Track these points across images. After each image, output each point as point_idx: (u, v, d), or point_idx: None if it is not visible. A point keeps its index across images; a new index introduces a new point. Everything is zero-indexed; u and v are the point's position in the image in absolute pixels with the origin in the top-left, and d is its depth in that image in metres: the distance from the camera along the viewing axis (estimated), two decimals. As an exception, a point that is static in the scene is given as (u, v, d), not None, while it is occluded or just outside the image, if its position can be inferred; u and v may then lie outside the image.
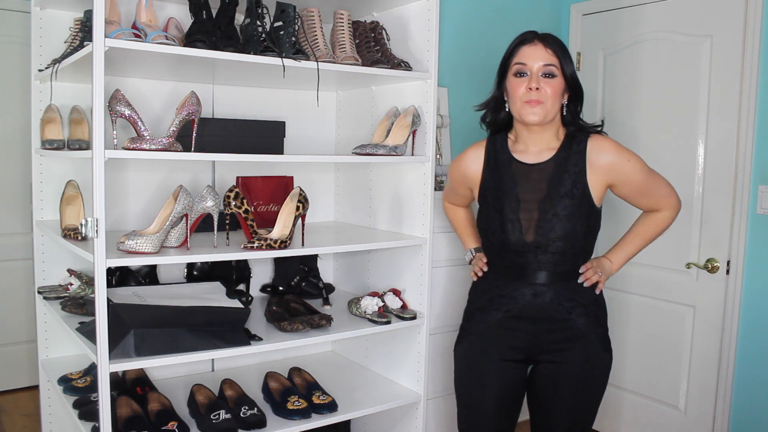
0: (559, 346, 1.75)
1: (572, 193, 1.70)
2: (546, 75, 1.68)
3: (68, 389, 2.09)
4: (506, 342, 1.79)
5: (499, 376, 1.80)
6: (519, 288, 1.75)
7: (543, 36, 1.71)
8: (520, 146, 1.79)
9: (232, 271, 2.36)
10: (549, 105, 1.68)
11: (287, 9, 1.99)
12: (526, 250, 1.73)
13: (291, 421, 1.99)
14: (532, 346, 1.78)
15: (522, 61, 1.69)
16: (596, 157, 1.72)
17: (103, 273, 1.67)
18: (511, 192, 1.75)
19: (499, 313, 1.79)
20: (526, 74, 1.69)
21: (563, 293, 1.74)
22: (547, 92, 1.67)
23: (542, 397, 1.80)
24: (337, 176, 2.72)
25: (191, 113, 1.90)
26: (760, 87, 2.54)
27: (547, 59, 1.67)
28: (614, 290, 3.09)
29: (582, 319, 1.74)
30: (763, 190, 2.55)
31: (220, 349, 1.87)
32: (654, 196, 1.79)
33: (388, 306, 2.24)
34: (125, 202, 2.28)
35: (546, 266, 1.73)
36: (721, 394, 2.69)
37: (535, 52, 1.68)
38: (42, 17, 2.21)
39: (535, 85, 1.66)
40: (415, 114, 2.22)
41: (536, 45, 1.68)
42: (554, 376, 1.77)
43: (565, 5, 3.27)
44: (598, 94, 3.11)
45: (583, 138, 1.74)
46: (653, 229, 1.85)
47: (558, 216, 1.69)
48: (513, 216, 1.73)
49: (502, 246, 1.77)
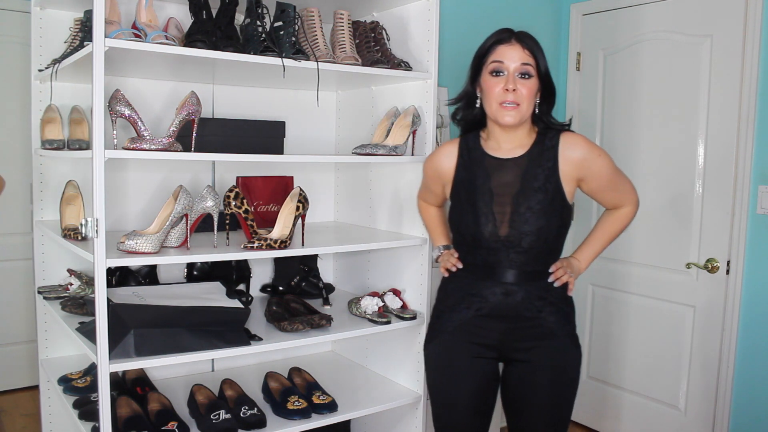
0: (530, 345, 1.76)
1: (545, 188, 1.72)
2: (522, 75, 1.69)
3: (68, 389, 2.09)
4: (477, 340, 1.79)
5: (471, 372, 1.81)
6: (490, 287, 1.76)
7: (520, 35, 1.71)
8: (493, 143, 1.80)
9: (232, 271, 2.36)
10: (524, 107, 1.70)
11: (287, 9, 1.99)
12: (499, 246, 1.73)
13: (291, 421, 1.99)
14: (503, 344, 1.78)
15: (499, 59, 1.69)
16: (569, 153, 1.73)
17: (103, 273, 1.67)
18: (485, 186, 1.76)
19: (469, 311, 1.79)
20: (503, 73, 1.70)
21: (534, 292, 1.75)
22: (522, 93, 1.69)
23: (517, 399, 1.81)
24: (337, 176, 2.72)
25: (191, 113, 1.90)
26: (760, 87, 2.54)
27: (524, 59, 1.68)
28: (614, 290, 3.09)
29: (552, 317, 1.75)
30: (763, 190, 2.55)
31: (220, 349, 1.87)
32: (619, 191, 1.83)
33: (388, 306, 2.24)
34: (125, 202, 2.28)
35: (517, 265, 1.73)
36: (721, 394, 2.69)
37: (513, 51, 1.68)
38: (42, 17, 2.21)
39: (512, 87, 1.68)
40: (415, 114, 2.22)
41: (514, 45, 1.69)
42: (527, 377, 1.77)
43: (565, 5, 3.27)
44: (598, 94, 3.11)
45: (555, 134, 1.76)
46: (617, 225, 1.87)
47: (532, 210, 1.71)
48: (487, 209, 1.74)
49: (474, 241, 1.77)
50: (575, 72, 3.21)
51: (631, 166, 2.97)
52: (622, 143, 3.01)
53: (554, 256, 1.80)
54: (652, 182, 2.89)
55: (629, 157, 2.97)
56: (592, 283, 3.19)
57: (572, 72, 3.23)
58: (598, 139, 3.11)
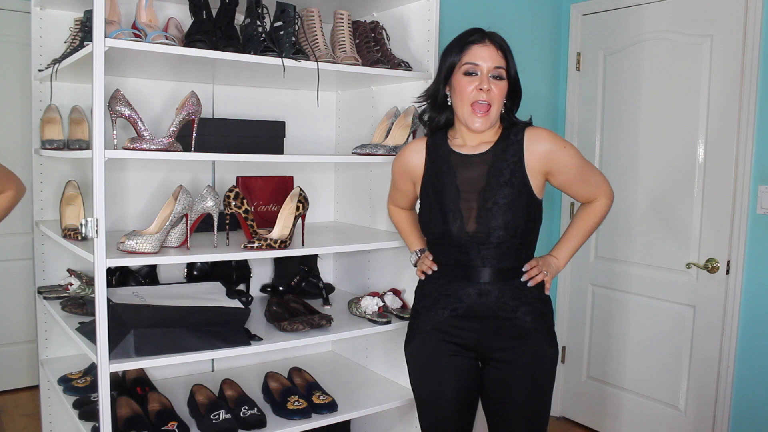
0: (506, 344, 1.76)
1: (511, 182, 1.72)
2: (495, 77, 1.70)
3: (68, 389, 2.09)
4: (454, 340, 1.80)
5: (452, 370, 1.82)
6: (464, 287, 1.77)
7: (492, 36, 1.72)
8: (458, 141, 1.81)
9: (232, 271, 2.36)
10: (494, 109, 1.72)
11: (287, 9, 1.99)
12: (469, 243, 1.74)
13: (291, 421, 1.99)
14: (480, 345, 1.79)
15: (473, 61, 1.69)
16: (533, 146, 1.74)
17: (103, 273, 1.67)
18: (451, 183, 1.77)
19: (445, 311, 1.80)
20: (477, 74, 1.70)
21: (507, 292, 1.75)
22: (495, 93, 1.70)
23: (495, 399, 1.81)
24: (337, 176, 2.72)
25: (191, 113, 1.90)
26: (760, 87, 2.54)
27: (498, 61, 1.69)
28: (614, 290, 3.09)
29: (528, 317, 1.75)
30: (763, 190, 2.55)
31: (220, 349, 1.87)
32: (590, 183, 1.82)
33: (388, 306, 2.24)
34: (125, 202, 2.28)
35: (490, 261, 1.74)
36: (721, 394, 2.69)
37: (487, 52, 1.69)
38: (42, 17, 2.21)
39: (486, 87, 1.69)
40: (415, 114, 2.22)
41: (488, 45, 1.69)
42: (504, 378, 1.78)
43: (565, 5, 3.26)
44: (598, 94, 3.11)
45: (519, 130, 1.77)
46: (592, 219, 1.87)
47: (498, 204, 1.71)
48: (453, 206, 1.75)
49: (444, 238, 1.78)
50: (575, 72, 3.21)
51: (631, 166, 2.97)
52: (622, 143, 3.01)
53: (526, 252, 1.80)
54: (652, 182, 2.89)
55: (629, 157, 2.97)
56: (592, 283, 3.19)
57: (572, 72, 3.23)
58: (598, 139, 3.12)
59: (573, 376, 3.28)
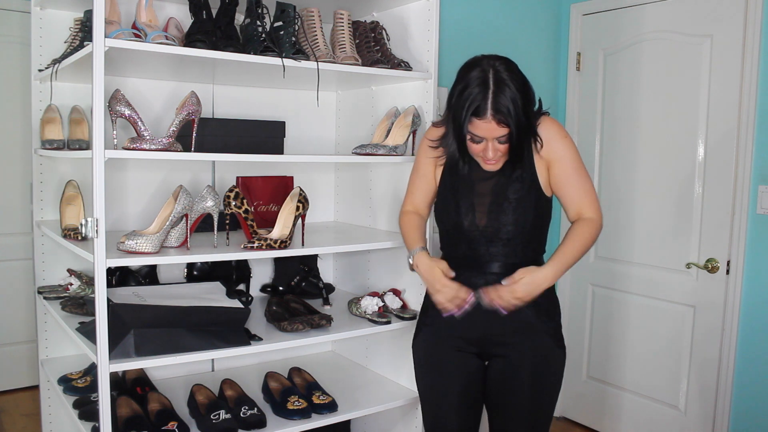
0: (510, 339, 1.77)
1: (522, 177, 1.75)
2: (500, 141, 1.70)
3: (68, 389, 2.09)
4: (459, 332, 1.81)
5: (457, 365, 1.83)
6: (471, 278, 1.78)
7: (496, 106, 1.64)
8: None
9: (232, 271, 2.36)
10: (503, 158, 1.74)
11: (287, 9, 1.99)
12: (479, 238, 1.76)
13: (291, 421, 1.99)
14: (484, 338, 1.80)
15: (477, 134, 1.69)
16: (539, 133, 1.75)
17: (103, 273, 1.67)
18: (468, 176, 1.80)
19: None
20: (483, 140, 1.70)
21: None
22: (501, 152, 1.71)
23: (496, 395, 1.82)
24: (337, 176, 2.72)
25: (191, 113, 1.90)
26: (760, 87, 2.54)
27: (500, 133, 1.67)
28: (614, 290, 3.09)
29: (530, 311, 1.76)
30: (763, 190, 2.55)
31: (220, 349, 1.87)
32: (582, 188, 1.77)
33: (388, 306, 2.24)
34: (125, 202, 2.28)
35: (497, 257, 1.76)
36: (721, 394, 2.69)
37: (489, 128, 1.66)
38: (42, 17, 2.21)
39: (491, 154, 1.70)
40: (415, 114, 2.22)
41: (490, 122, 1.65)
42: (507, 373, 1.79)
43: (565, 5, 3.26)
44: (598, 94, 3.11)
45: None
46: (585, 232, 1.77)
47: (509, 200, 1.74)
48: (467, 200, 1.79)
49: (455, 231, 1.80)
50: (575, 72, 3.21)
51: (631, 166, 2.97)
52: (622, 143, 3.01)
53: (536, 248, 1.81)
54: (652, 182, 2.89)
55: (629, 157, 2.97)
56: (592, 283, 3.19)
57: (572, 72, 3.23)
58: (598, 139, 3.12)
59: (573, 376, 3.28)
